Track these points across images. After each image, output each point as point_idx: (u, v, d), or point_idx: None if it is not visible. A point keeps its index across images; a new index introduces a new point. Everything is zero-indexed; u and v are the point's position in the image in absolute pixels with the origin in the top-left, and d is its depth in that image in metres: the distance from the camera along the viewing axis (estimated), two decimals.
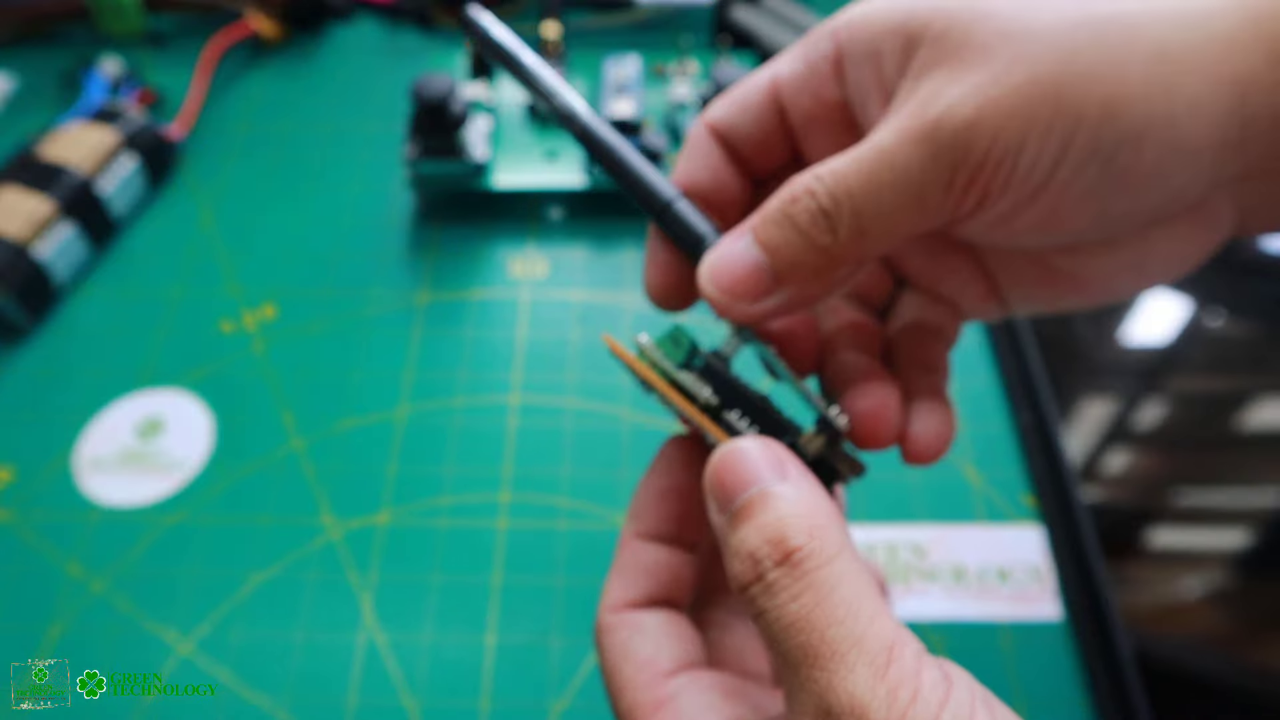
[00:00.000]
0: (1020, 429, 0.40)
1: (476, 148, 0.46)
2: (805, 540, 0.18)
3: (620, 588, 0.23)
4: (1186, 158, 0.19)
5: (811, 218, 0.20)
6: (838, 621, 0.17)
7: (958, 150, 0.19)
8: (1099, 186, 0.19)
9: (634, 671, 0.21)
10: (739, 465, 0.20)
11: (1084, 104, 0.18)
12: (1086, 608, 0.35)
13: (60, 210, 0.44)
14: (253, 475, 0.40)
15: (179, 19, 0.58)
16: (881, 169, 0.20)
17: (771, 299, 0.21)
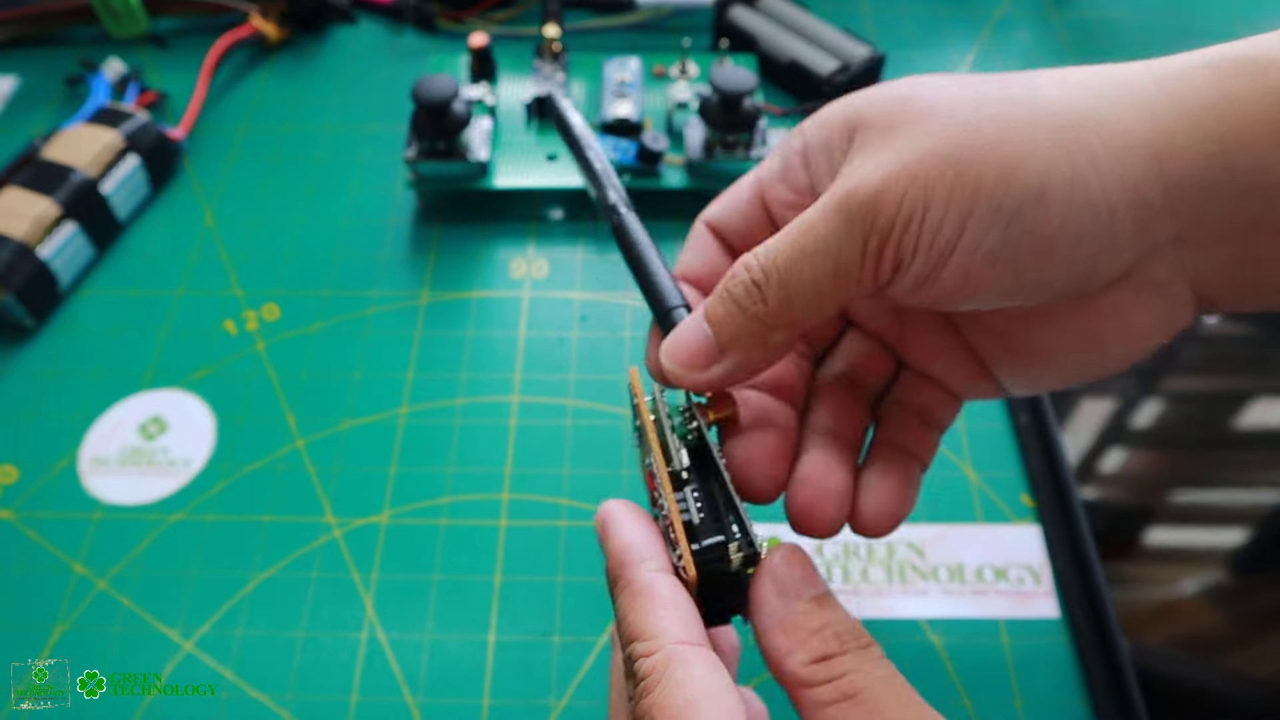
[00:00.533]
0: (1018, 429, 0.40)
1: (477, 148, 0.47)
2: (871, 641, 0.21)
3: (680, 622, 0.21)
4: (1097, 216, 0.19)
5: (745, 290, 0.22)
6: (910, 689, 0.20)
7: (867, 217, 0.21)
8: (1005, 248, 0.20)
9: (716, 712, 0.20)
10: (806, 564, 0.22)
11: (983, 169, 0.20)
12: (1084, 606, 0.35)
13: (63, 211, 0.45)
14: (255, 475, 0.40)
15: (182, 21, 0.58)
16: (805, 240, 0.21)
17: (717, 367, 0.23)
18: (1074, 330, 0.23)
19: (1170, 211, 0.20)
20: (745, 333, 0.23)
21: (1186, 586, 0.36)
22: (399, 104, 0.54)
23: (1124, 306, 0.22)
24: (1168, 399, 0.41)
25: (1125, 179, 0.19)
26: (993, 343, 0.25)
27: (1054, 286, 0.21)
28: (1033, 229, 0.20)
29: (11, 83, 0.56)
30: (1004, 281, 0.21)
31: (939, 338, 0.26)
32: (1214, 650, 0.34)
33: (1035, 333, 0.23)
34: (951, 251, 0.20)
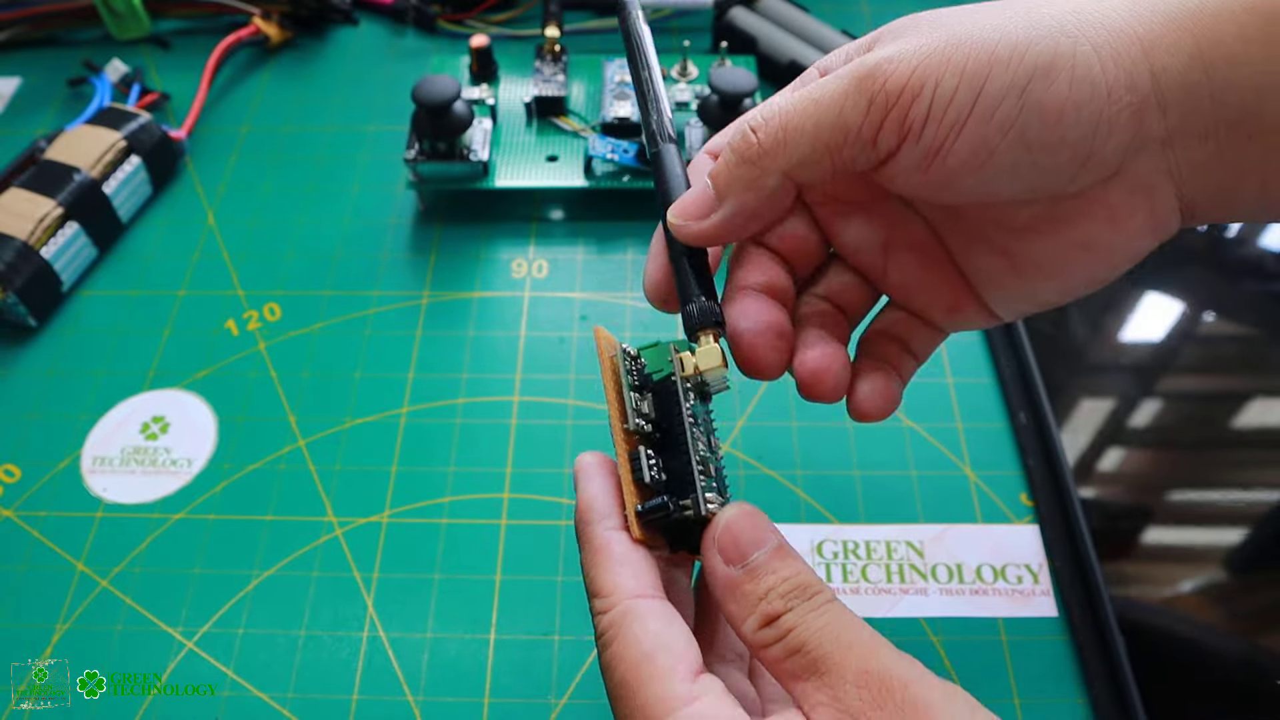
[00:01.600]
0: (1017, 429, 0.40)
1: (478, 149, 0.47)
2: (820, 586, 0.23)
3: (633, 577, 0.23)
4: (1097, 92, 0.21)
5: (742, 135, 0.24)
6: (857, 627, 0.22)
7: (877, 80, 0.22)
8: (1018, 115, 0.21)
9: (670, 664, 0.22)
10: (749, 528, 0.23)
11: (996, 47, 0.21)
12: (1083, 606, 0.35)
13: (66, 211, 0.45)
14: (256, 474, 0.40)
15: (184, 22, 0.59)
16: (809, 96, 0.23)
17: (716, 215, 0.24)
18: (1073, 238, 0.24)
19: (1160, 106, 0.21)
20: (739, 177, 0.24)
21: (1185, 585, 0.36)
22: (400, 105, 0.54)
23: (1117, 209, 0.23)
24: (1167, 399, 0.41)
25: (1120, 64, 0.21)
26: (991, 259, 0.25)
27: (1058, 164, 0.22)
28: (1042, 99, 0.21)
29: (14, 84, 0.56)
30: (1013, 154, 0.22)
31: (924, 268, 0.27)
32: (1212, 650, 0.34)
33: (1035, 245, 0.24)
34: (965, 121, 0.22)
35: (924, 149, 0.22)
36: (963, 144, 0.22)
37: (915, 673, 0.20)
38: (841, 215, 0.27)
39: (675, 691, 0.21)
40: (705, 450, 0.25)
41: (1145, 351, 0.43)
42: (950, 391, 0.42)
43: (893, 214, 0.27)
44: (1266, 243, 0.47)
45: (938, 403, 0.42)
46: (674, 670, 0.21)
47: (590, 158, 0.47)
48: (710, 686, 0.22)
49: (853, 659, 0.21)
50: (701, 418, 0.25)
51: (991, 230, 0.25)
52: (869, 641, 0.21)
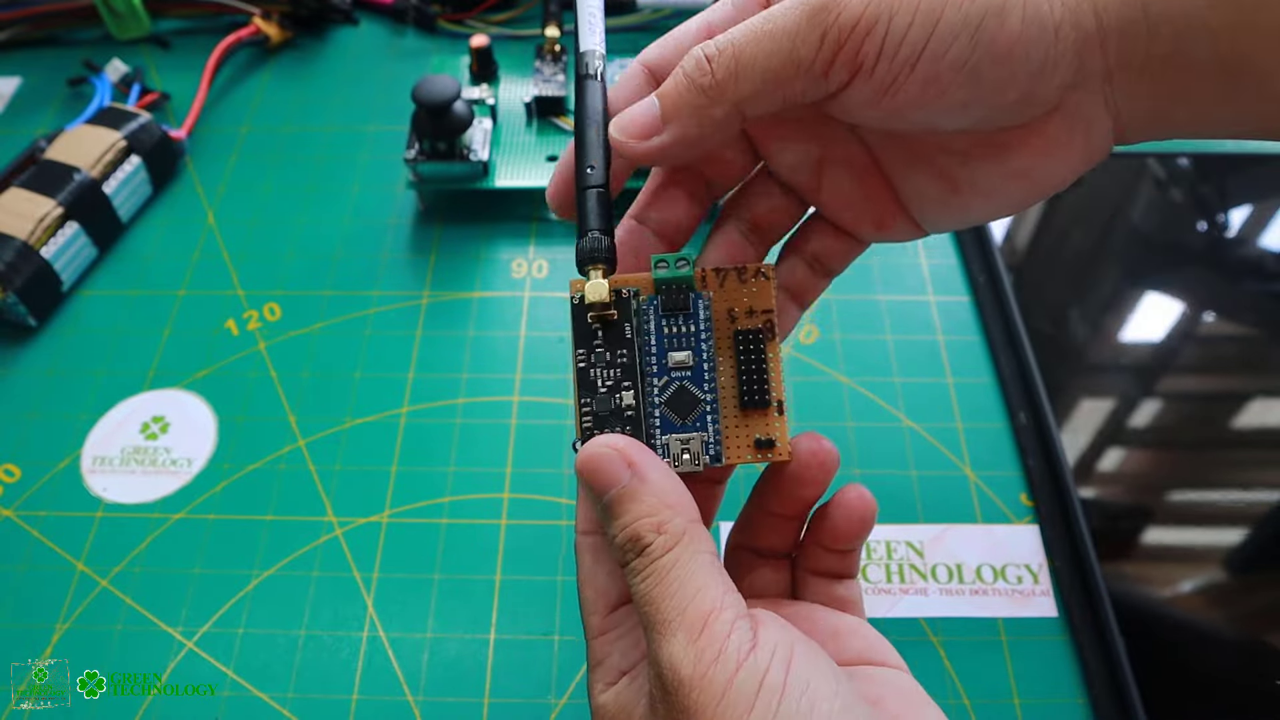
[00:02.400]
0: (1017, 429, 0.40)
1: (478, 149, 0.47)
2: (651, 535, 0.22)
3: (584, 513, 0.25)
4: (1045, 30, 0.22)
5: (696, 63, 0.23)
6: (668, 597, 0.21)
7: (830, 13, 0.22)
8: (969, 54, 0.22)
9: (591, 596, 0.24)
10: (598, 465, 0.23)
11: None
12: (1083, 606, 0.35)
13: (66, 211, 0.45)
14: (256, 474, 0.40)
15: (184, 22, 0.59)
16: (763, 24, 0.23)
17: (658, 138, 0.24)
18: (1013, 167, 0.24)
19: (1101, 42, 0.22)
20: (687, 103, 0.23)
21: (1184, 585, 0.36)
22: (400, 105, 0.54)
23: (1054, 139, 0.23)
24: (1167, 399, 0.41)
25: (1066, 4, 0.22)
26: (929, 181, 0.26)
27: (1006, 99, 0.22)
28: (995, 37, 0.21)
29: (14, 83, 0.56)
30: (964, 91, 0.22)
31: (857, 185, 0.27)
32: (1212, 650, 0.34)
33: (974, 170, 0.25)
34: (918, 58, 0.22)
35: (876, 84, 0.22)
36: (914, 81, 0.22)
37: (695, 664, 0.20)
38: (779, 135, 0.27)
39: (591, 624, 0.25)
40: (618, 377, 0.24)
41: (1145, 351, 0.43)
42: (950, 391, 0.42)
43: (830, 133, 0.27)
44: (1266, 243, 0.47)
45: (938, 403, 0.42)
46: (593, 604, 0.24)
47: None
48: (617, 621, 0.24)
49: (652, 641, 0.21)
50: (662, 337, 0.25)
51: (932, 154, 0.25)
52: (669, 620, 0.21)
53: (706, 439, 0.25)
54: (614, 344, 0.25)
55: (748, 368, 0.25)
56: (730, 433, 0.25)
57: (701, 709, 0.19)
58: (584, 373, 0.24)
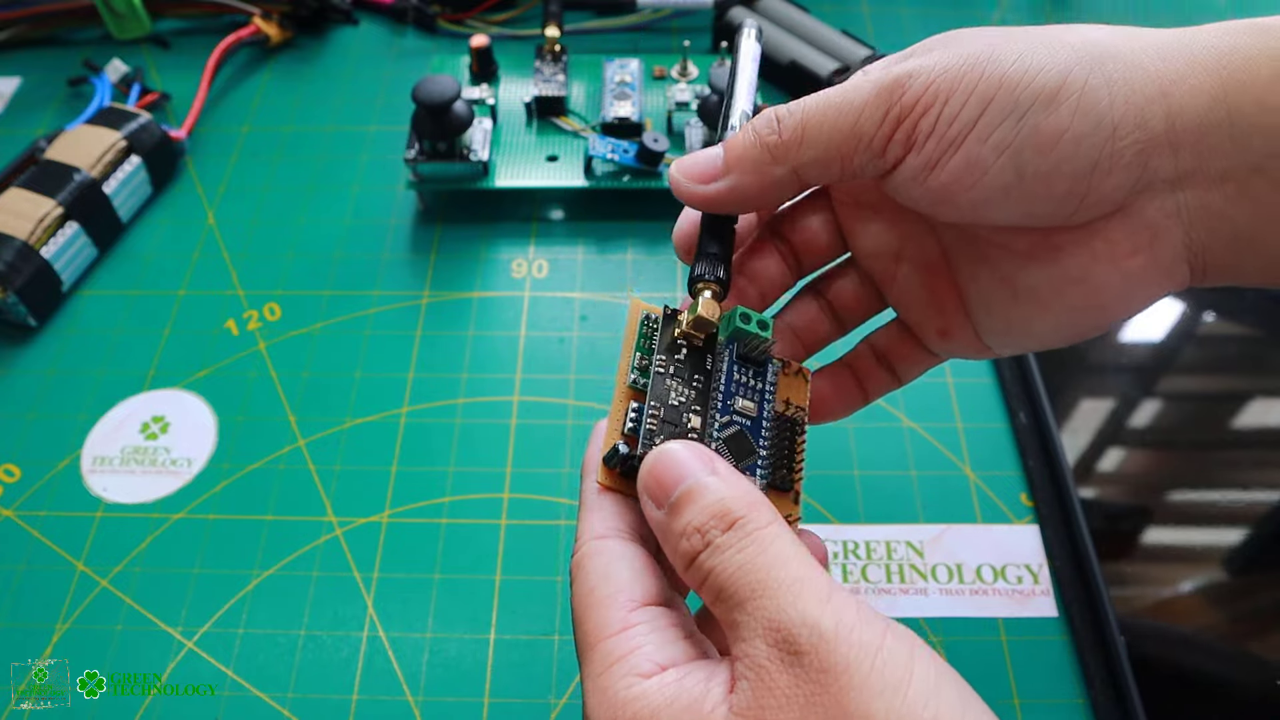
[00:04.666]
0: (1017, 429, 0.40)
1: (478, 149, 0.47)
2: (746, 511, 0.21)
3: (600, 520, 0.24)
4: (1100, 128, 0.21)
5: (766, 121, 0.24)
6: (782, 564, 0.20)
7: (896, 91, 0.23)
8: (1012, 139, 0.22)
9: (610, 592, 0.22)
10: (671, 463, 0.22)
11: (1007, 69, 0.22)
12: (1083, 606, 0.35)
13: (66, 211, 0.45)
14: (256, 474, 0.40)
15: (184, 22, 0.59)
16: (834, 96, 0.24)
17: (716, 184, 0.25)
18: (1069, 268, 0.24)
19: (1172, 146, 0.21)
20: (750, 157, 0.24)
21: (1184, 585, 0.36)
22: (400, 105, 0.54)
23: (1118, 246, 0.23)
24: (1166, 399, 0.41)
25: (1131, 102, 0.21)
26: (992, 284, 0.25)
27: (1053, 194, 0.22)
28: (1040, 127, 0.21)
29: (14, 83, 0.56)
30: (1005, 178, 0.22)
31: (927, 283, 0.27)
32: (1212, 649, 0.34)
33: (1033, 272, 0.24)
34: (964, 138, 0.22)
35: (922, 161, 0.23)
36: (958, 160, 0.22)
37: (837, 628, 0.18)
38: (862, 218, 0.28)
39: (608, 619, 0.21)
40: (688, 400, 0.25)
41: (1145, 351, 0.43)
42: (950, 391, 0.42)
43: (910, 226, 0.27)
44: None
45: (938, 403, 0.42)
46: (612, 599, 0.22)
47: (590, 158, 0.47)
48: (648, 617, 0.21)
49: (766, 608, 0.19)
50: (732, 380, 0.25)
51: (996, 254, 0.25)
52: (789, 584, 0.19)
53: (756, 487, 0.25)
54: (694, 366, 0.25)
55: (778, 450, 0.25)
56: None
57: (853, 665, 0.17)
58: (660, 379, 0.25)
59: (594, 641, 0.21)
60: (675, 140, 0.49)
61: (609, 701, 0.20)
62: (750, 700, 0.18)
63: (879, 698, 0.17)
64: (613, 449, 0.24)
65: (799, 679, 0.18)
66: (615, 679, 0.20)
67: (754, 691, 0.18)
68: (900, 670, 0.18)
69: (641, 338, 0.26)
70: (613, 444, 0.24)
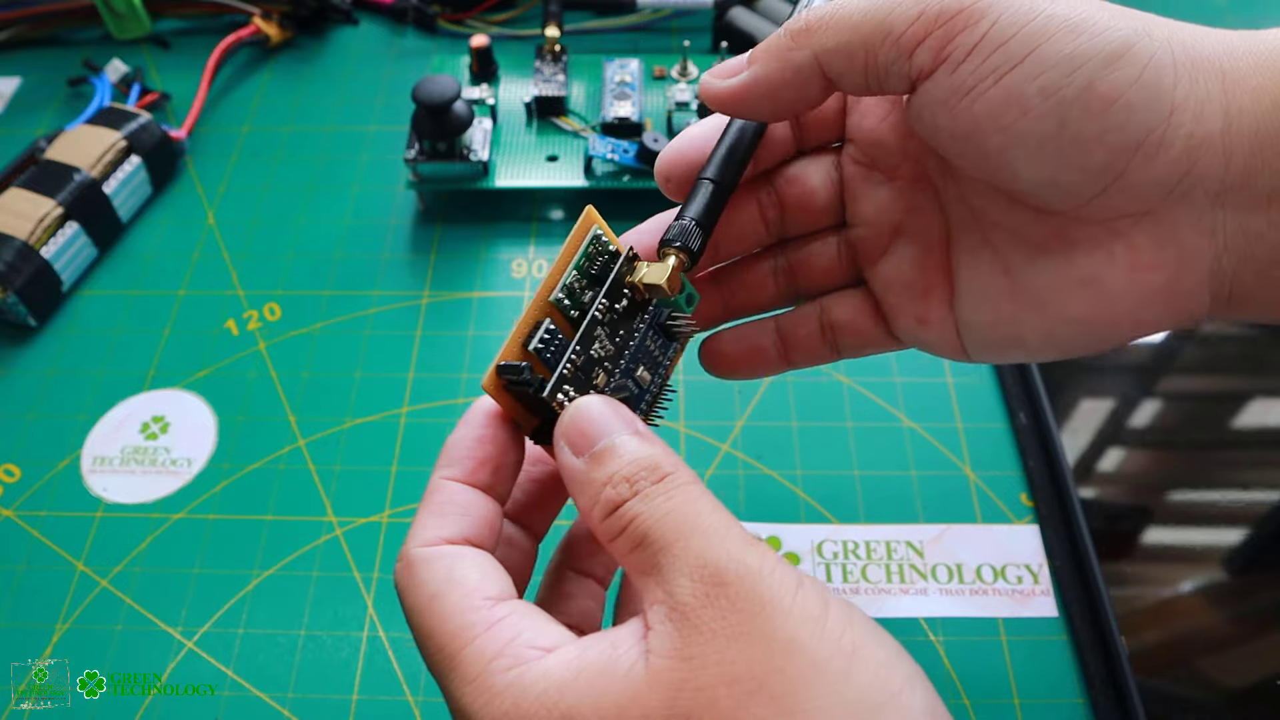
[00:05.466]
0: (1017, 429, 0.40)
1: (478, 149, 0.47)
2: (673, 468, 0.20)
3: (435, 525, 0.22)
4: (1158, 105, 0.19)
5: (796, 14, 0.23)
6: (709, 513, 0.20)
7: None
8: (1063, 88, 0.20)
9: (461, 596, 0.20)
10: (598, 415, 0.21)
11: (1071, 15, 0.20)
12: (1083, 606, 0.35)
13: (66, 211, 0.45)
14: (256, 474, 0.40)
15: (184, 22, 0.59)
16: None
17: (739, 76, 0.24)
18: (1081, 269, 0.22)
19: (1225, 150, 0.20)
20: (773, 44, 0.23)
21: (1184, 585, 0.36)
22: (400, 105, 0.54)
23: (1139, 253, 0.21)
24: (1166, 399, 0.41)
25: (1193, 90, 0.20)
26: (993, 274, 0.24)
27: (1087, 164, 0.20)
28: (1095, 84, 0.19)
29: (14, 83, 0.56)
30: (1044, 128, 0.20)
31: (920, 265, 0.26)
32: (1212, 649, 0.34)
33: (1041, 267, 0.23)
34: (1009, 70, 0.20)
35: (956, 83, 0.21)
36: (997, 92, 0.20)
37: (762, 563, 0.18)
38: (872, 180, 0.26)
39: (471, 620, 0.20)
40: (605, 354, 0.24)
41: (1145, 351, 0.43)
42: (950, 391, 0.42)
43: (920, 198, 0.26)
44: None
45: (938, 403, 0.42)
46: (466, 601, 0.20)
47: (590, 158, 0.47)
48: (513, 609, 0.20)
49: (692, 548, 0.19)
50: (645, 347, 0.25)
51: (1005, 240, 0.24)
52: (715, 528, 0.19)
53: None
54: (623, 322, 0.24)
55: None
56: None
57: (777, 598, 0.18)
58: (594, 324, 0.24)
59: (459, 647, 0.19)
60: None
61: (499, 698, 0.18)
62: (676, 641, 0.18)
63: (802, 626, 0.18)
64: (519, 365, 0.22)
65: (725, 611, 0.18)
66: (499, 674, 0.19)
67: (679, 631, 0.18)
68: (818, 605, 0.18)
69: (584, 258, 0.24)
70: (518, 359, 0.23)
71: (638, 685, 0.18)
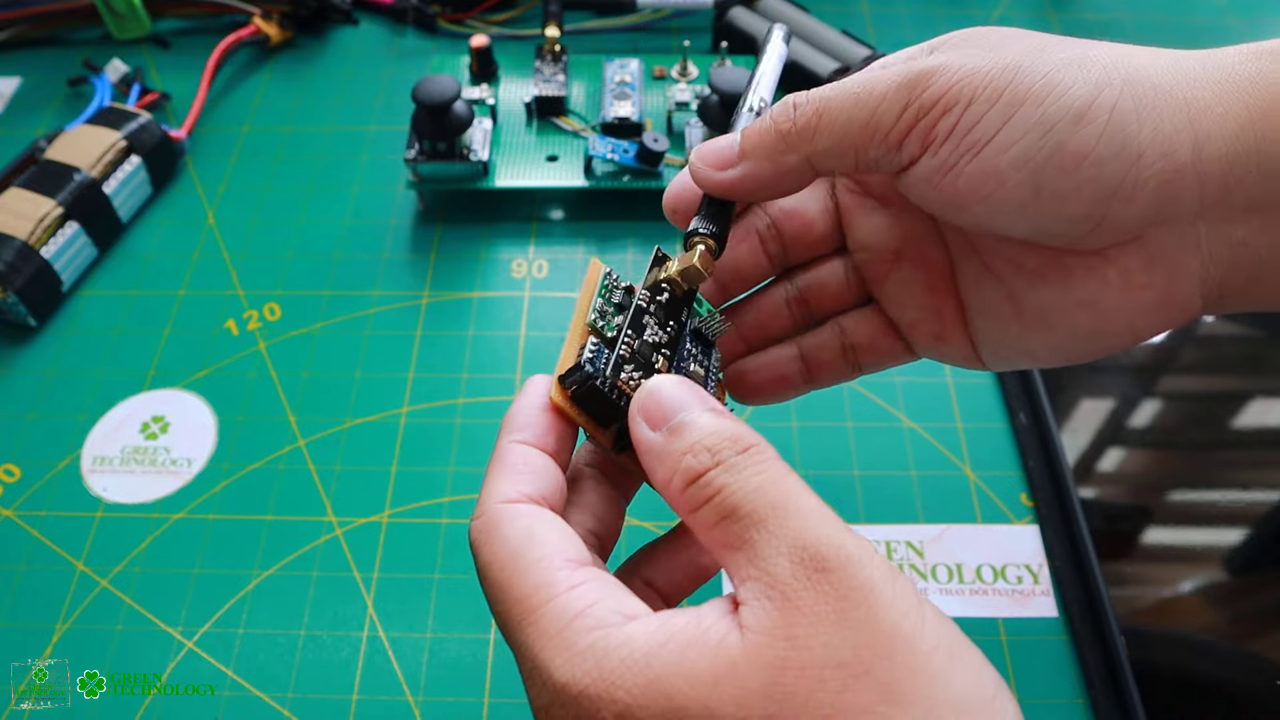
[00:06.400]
0: (1017, 429, 0.40)
1: (478, 149, 0.47)
2: (757, 440, 0.20)
3: (513, 482, 0.22)
4: (1126, 153, 0.20)
5: (783, 107, 0.24)
6: (801, 491, 0.19)
7: (917, 86, 0.22)
8: (1035, 155, 0.21)
9: (544, 555, 0.20)
10: (676, 392, 0.21)
11: (1035, 81, 0.21)
12: (1083, 606, 0.35)
13: (66, 211, 0.45)
14: (256, 474, 0.40)
15: (184, 22, 0.59)
16: (853, 86, 0.23)
17: (731, 170, 0.24)
18: (1078, 292, 0.23)
19: (1199, 177, 0.20)
20: (765, 144, 0.24)
21: (1184, 585, 0.36)
22: (400, 105, 0.54)
23: (1132, 276, 0.22)
24: (1166, 399, 0.41)
25: (1159, 129, 0.20)
26: (997, 298, 0.25)
27: (1070, 216, 0.21)
28: (1064, 145, 0.20)
29: (14, 83, 0.56)
30: (1023, 193, 0.21)
31: (928, 287, 0.27)
32: (1212, 649, 0.34)
33: (1041, 292, 0.24)
34: (983, 147, 0.21)
35: (938, 163, 0.22)
36: (975, 168, 0.21)
37: (861, 551, 0.18)
38: (866, 209, 0.27)
39: (552, 579, 0.19)
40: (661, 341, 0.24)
41: (1145, 351, 0.43)
42: (950, 391, 0.42)
43: (916, 225, 0.27)
44: None
45: (938, 403, 0.42)
46: (548, 560, 0.20)
47: (590, 158, 0.47)
48: (593, 575, 0.20)
49: (790, 527, 0.18)
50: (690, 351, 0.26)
51: (1004, 268, 0.25)
52: (812, 509, 0.19)
53: None
54: (670, 313, 0.25)
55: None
56: None
57: (880, 585, 0.17)
58: (641, 312, 0.24)
59: (540, 601, 0.19)
60: (675, 140, 0.48)
61: (580, 658, 0.18)
62: (776, 619, 0.18)
63: (904, 618, 0.17)
64: (575, 365, 0.23)
65: (827, 596, 0.17)
66: (582, 633, 0.18)
67: (780, 610, 0.18)
68: (914, 600, 0.18)
69: (604, 288, 0.25)
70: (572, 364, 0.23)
71: (734, 659, 0.17)
